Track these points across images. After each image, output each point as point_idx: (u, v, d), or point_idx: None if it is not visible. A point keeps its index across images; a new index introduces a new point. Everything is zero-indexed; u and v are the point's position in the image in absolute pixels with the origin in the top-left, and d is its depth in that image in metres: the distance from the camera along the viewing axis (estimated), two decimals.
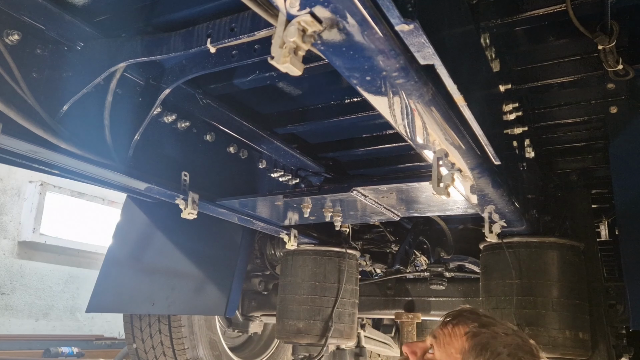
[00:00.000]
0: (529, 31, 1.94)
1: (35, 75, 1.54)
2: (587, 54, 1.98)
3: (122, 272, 2.85)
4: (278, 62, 0.89)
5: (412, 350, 1.44)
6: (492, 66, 1.72)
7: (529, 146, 2.23)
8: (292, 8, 0.86)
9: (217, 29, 1.43)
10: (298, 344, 2.94)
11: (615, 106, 2.19)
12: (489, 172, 1.62)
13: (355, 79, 1.07)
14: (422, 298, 3.54)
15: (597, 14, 1.70)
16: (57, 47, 1.58)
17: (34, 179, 6.68)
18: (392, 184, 2.01)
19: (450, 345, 1.36)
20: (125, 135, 1.78)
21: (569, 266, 2.39)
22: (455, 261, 3.41)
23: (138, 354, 3.39)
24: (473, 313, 1.43)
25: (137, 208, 2.84)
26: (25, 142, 1.51)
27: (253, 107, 2.33)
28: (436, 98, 1.14)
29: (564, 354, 2.29)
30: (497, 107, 1.81)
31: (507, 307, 2.36)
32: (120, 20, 1.61)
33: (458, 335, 1.35)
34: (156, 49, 1.52)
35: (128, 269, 2.85)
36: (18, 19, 1.46)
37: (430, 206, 2.26)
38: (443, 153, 1.44)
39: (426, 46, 0.96)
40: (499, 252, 2.47)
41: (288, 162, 2.65)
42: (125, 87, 1.79)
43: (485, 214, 2.10)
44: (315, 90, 2.20)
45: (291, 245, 2.78)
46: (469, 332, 1.34)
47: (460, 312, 1.43)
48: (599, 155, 2.61)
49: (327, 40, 0.94)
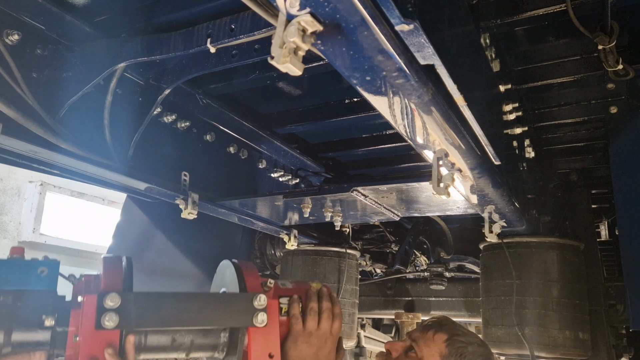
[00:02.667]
0: (529, 31, 1.94)
1: (35, 75, 1.53)
2: (587, 54, 1.98)
3: None
4: (278, 62, 0.89)
5: (394, 348, 1.61)
6: (492, 66, 1.72)
7: (529, 146, 2.23)
8: (292, 8, 0.86)
9: (217, 29, 1.43)
10: None
11: (615, 106, 2.19)
12: (489, 172, 1.62)
13: (355, 79, 1.07)
14: (422, 298, 3.55)
15: (597, 14, 1.70)
16: (57, 47, 1.58)
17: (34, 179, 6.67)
18: (392, 184, 2.01)
19: (431, 348, 1.55)
20: (125, 135, 1.78)
21: (569, 266, 2.39)
22: (455, 261, 3.42)
23: None
24: (450, 323, 1.65)
25: (137, 208, 2.85)
26: (25, 142, 1.51)
27: (253, 107, 2.33)
28: (436, 98, 1.14)
29: (564, 354, 2.29)
30: (497, 107, 1.81)
31: (507, 307, 2.36)
32: (120, 20, 1.61)
33: (438, 341, 1.56)
34: (156, 49, 1.52)
35: None
36: (18, 19, 1.46)
37: (430, 206, 2.26)
38: (443, 153, 1.44)
39: (426, 46, 0.96)
40: (499, 252, 2.47)
41: (288, 162, 2.65)
42: (125, 87, 1.79)
43: (485, 214, 2.10)
44: (315, 90, 2.20)
45: (291, 245, 2.78)
46: (448, 339, 1.55)
47: (440, 321, 1.64)
48: (599, 155, 2.61)
49: (327, 40, 0.94)
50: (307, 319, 1.49)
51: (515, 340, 2.31)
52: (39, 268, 1.34)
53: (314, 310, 1.50)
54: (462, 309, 3.43)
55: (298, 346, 1.47)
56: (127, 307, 1.29)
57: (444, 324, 1.63)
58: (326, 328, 1.50)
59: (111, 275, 1.36)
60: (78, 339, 1.27)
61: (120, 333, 1.28)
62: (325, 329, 1.50)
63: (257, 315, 1.40)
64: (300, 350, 1.47)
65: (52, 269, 1.35)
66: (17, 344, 1.26)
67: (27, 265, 1.34)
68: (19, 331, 1.26)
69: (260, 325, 1.40)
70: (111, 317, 1.26)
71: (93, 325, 1.26)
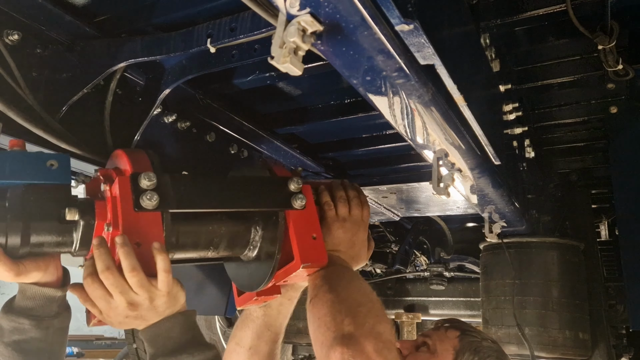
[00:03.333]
0: (529, 31, 1.94)
1: (35, 75, 1.53)
2: (587, 54, 1.98)
3: None
4: (278, 62, 0.89)
5: (404, 347, 1.61)
6: (492, 66, 1.73)
7: (529, 146, 2.23)
8: (292, 8, 0.86)
9: (217, 29, 1.43)
10: (298, 343, 2.94)
11: (615, 106, 2.20)
12: (489, 172, 1.62)
13: (355, 79, 1.07)
14: (422, 298, 3.55)
15: (597, 14, 1.70)
16: (57, 47, 1.58)
17: None
18: (392, 184, 2.02)
19: (445, 343, 1.56)
20: (126, 135, 1.78)
21: (569, 266, 2.39)
22: (455, 261, 3.42)
23: (138, 354, 3.39)
24: (461, 322, 1.68)
25: None
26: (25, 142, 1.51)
27: (253, 107, 2.33)
28: (436, 98, 1.14)
29: (564, 354, 2.29)
30: (497, 107, 1.81)
31: (507, 307, 2.36)
32: (120, 20, 1.61)
33: (451, 337, 1.57)
34: (156, 49, 1.52)
35: None
36: (18, 19, 1.46)
37: (430, 206, 2.27)
38: (443, 153, 1.44)
39: (426, 46, 0.96)
40: (499, 252, 2.47)
41: (288, 162, 2.64)
42: (125, 87, 1.79)
43: (485, 214, 2.11)
44: (315, 90, 2.20)
45: None
46: (460, 335, 1.57)
47: (451, 320, 1.68)
48: (599, 155, 2.61)
49: (327, 40, 0.94)
50: (339, 206, 1.48)
51: (516, 340, 2.31)
52: (48, 161, 1.18)
53: (343, 198, 1.50)
54: (462, 309, 3.43)
55: (333, 232, 1.45)
56: (164, 187, 1.16)
57: (456, 322, 1.66)
58: (358, 214, 1.50)
59: (138, 158, 1.22)
60: (110, 229, 1.12)
61: (162, 215, 1.16)
62: (357, 215, 1.49)
63: (295, 198, 1.35)
64: (336, 236, 1.45)
65: (62, 163, 1.20)
66: (36, 244, 1.10)
67: (34, 157, 1.18)
68: (37, 228, 1.10)
69: (300, 208, 1.35)
70: (152, 196, 1.12)
71: (132, 206, 1.12)
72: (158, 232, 1.14)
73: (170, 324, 1.15)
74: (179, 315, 1.16)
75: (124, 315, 1.11)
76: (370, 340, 1.14)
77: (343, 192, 1.51)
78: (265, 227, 1.37)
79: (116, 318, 1.12)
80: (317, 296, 1.29)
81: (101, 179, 1.20)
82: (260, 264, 1.39)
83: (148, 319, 1.14)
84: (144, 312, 1.12)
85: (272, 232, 1.35)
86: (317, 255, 1.34)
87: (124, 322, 1.13)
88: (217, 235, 1.33)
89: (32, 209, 1.10)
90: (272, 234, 1.35)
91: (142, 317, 1.13)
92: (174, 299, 1.16)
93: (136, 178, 1.14)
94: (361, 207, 1.51)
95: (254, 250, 1.40)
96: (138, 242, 1.10)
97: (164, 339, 1.14)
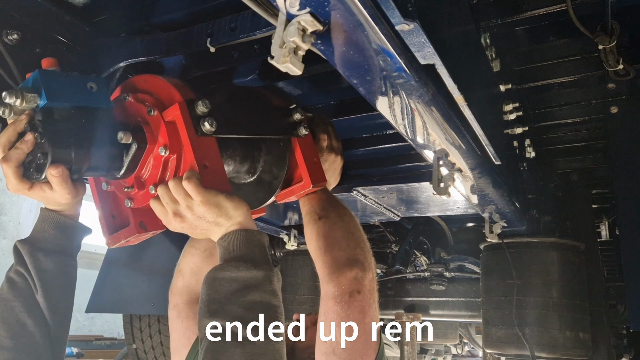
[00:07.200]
0: (529, 31, 1.94)
1: None
2: (588, 53, 1.98)
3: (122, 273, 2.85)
4: (278, 62, 0.89)
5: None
6: (493, 66, 1.72)
7: (529, 146, 2.23)
8: (292, 8, 0.86)
9: (217, 29, 1.43)
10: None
11: (615, 106, 2.19)
12: (489, 172, 1.62)
13: (355, 79, 1.07)
14: (423, 298, 3.54)
15: (598, 13, 1.70)
16: (56, 47, 1.58)
17: None
18: (392, 184, 2.01)
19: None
20: None
21: (569, 266, 2.39)
22: (456, 261, 3.41)
23: (138, 355, 3.39)
24: None
25: None
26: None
27: None
28: (436, 98, 1.14)
29: (564, 354, 2.29)
30: (498, 107, 1.81)
31: (508, 307, 2.36)
32: (120, 20, 1.61)
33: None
34: (156, 48, 1.52)
35: (128, 269, 2.85)
36: (18, 19, 1.46)
37: (430, 206, 2.26)
38: (443, 153, 1.44)
39: (426, 46, 0.96)
40: (499, 252, 2.46)
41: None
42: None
43: (485, 214, 2.10)
44: (315, 90, 2.20)
45: (291, 246, 2.78)
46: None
47: None
48: (599, 155, 2.61)
49: (327, 40, 0.94)
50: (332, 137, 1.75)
51: (516, 340, 2.31)
52: (88, 83, 1.16)
53: (331, 130, 1.76)
54: (463, 309, 3.42)
55: (326, 159, 1.69)
56: (215, 113, 1.20)
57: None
58: (340, 145, 1.79)
59: (178, 85, 1.24)
60: (167, 152, 1.14)
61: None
62: (340, 145, 1.79)
63: (300, 126, 1.53)
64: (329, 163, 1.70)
65: (100, 85, 1.18)
66: (92, 168, 1.13)
67: (75, 79, 1.15)
68: (95, 153, 1.11)
69: (304, 135, 1.54)
70: (211, 122, 1.16)
71: (194, 131, 1.15)
72: (217, 155, 1.21)
73: (231, 237, 1.18)
74: (240, 231, 1.19)
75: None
76: (372, 271, 1.43)
77: (329, 126, 1.75)
78: (269, 152, 1.52)
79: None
80: (329, 218, 1.49)
81: (147, 104, 1.22)
82: (260, 185, 1.53)
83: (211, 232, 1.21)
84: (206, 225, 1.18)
85: (276, 156, 1.51)
86: (321, 177, 1.56)
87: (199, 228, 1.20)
88: (233, 160, 1.45)
89: (88, 134, 1.12)
90: (276, 158, 1.51)
91: (207, 229, 1.19)
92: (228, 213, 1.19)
93: (193, 103, 1.17)
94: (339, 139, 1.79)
95: (255, 173, 1.53)
96: (205, 164, 1.16)
97: (223, 250, 1.17)
